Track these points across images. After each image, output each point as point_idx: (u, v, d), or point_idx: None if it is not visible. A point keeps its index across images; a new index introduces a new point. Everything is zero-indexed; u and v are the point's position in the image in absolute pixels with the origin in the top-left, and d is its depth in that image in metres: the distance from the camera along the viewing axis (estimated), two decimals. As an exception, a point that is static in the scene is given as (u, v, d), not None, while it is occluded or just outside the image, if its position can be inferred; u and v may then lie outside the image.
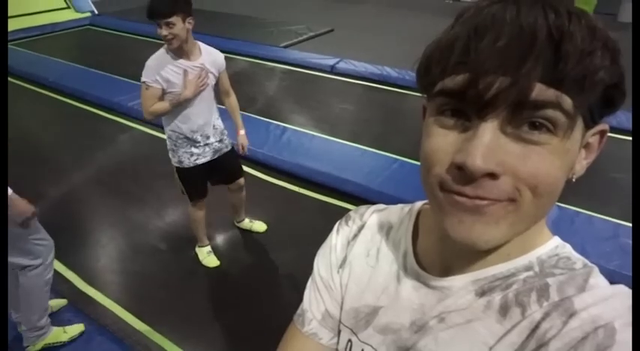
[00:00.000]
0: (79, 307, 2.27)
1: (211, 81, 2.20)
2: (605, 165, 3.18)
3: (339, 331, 0.61)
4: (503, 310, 0.45)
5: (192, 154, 2.26)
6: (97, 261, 2.66)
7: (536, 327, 0.42)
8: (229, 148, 2.42)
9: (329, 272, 0.62)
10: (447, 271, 0.50)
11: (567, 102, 0.38)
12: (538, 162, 0.39)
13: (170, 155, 2.31)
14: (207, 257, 2.58)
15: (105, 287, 2.44)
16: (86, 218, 3.03)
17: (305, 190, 3.26)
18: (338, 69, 5.45)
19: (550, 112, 0.38)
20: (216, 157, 2.34)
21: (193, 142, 2.23)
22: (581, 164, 0.44)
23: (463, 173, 0.39)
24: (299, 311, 0.65)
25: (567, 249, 0.48)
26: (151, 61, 2.08)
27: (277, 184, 3.35)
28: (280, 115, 4.35)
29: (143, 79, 2.07)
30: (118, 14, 8.01)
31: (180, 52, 2.07)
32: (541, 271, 0.46)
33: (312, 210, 3.06)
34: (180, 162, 2.28)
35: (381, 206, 0.65)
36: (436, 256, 0.52)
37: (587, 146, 0.44)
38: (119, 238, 2.84)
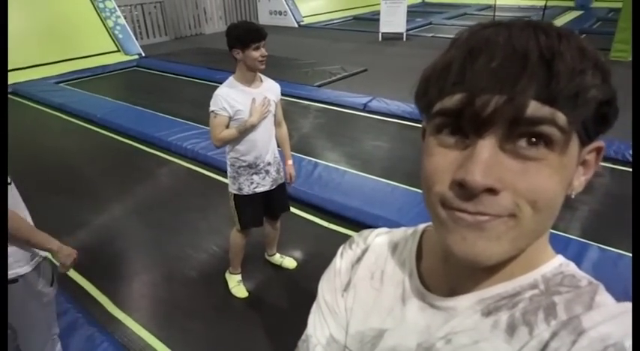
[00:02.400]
0: (109, 330, 2.32)
1: (272, 108, 2.30)
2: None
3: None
4: (511, 329, 0.45)
5: (252, 182, 2.34)
6: (129, 287, 2.73)
7: (545, 347, 0.42)
8: (283, 180, 2.50)
9: (334, 296, 0.62)
10: (452, 291, 0.50)
11: (561, 118, 0.39)
12: (536, 177, 0.40)
13: (230, 182, 2.39)
14: (237, 286, 2.60)
15: (135, 312, 2.49)
16: (122, 246, 3.12)
17: (335, 225, 3.26)
18: (370, 107, 5.55)
19: (546, 129, 0.39)
20: (273, 187, 2.41)
21: (255, 170, 2.31)
22: (580, 180, 0.45)
23: (464, 190, 0.40)
24: (303, 337, 0.65)
25: (571, 267, 0.48)
26: (220, 90, 2.21)
27: (308, 219, 3.37)
28: (313, 151, 4.43)
29: (212, 108, 2.20)
30: (163, 57, 8.51)
31: (251, 78, 2.21)
32: (547, 289, 0.46)
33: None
34: (240, 189, 2.35)
35: (385, 229, 0.65)
36: (441, 276, 0.52)
37: (584, 163, 0.45)
38: (152, 266, 2.90)
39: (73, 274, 2.80)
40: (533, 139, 0.39)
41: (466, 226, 0.41)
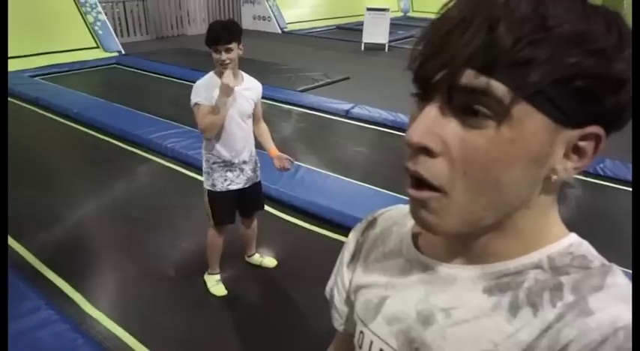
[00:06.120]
0: (83, 328, 2.25)
1: (250, 107, 2.29)
2: None
3: (355, 323, 0.62)
4: (514, 309, 0.44)
5: (226, 179, 2.32)
6: (104, 284, 2.66)
7: (549, 327, 0.41)
8: (259, 179, 2.49)
9: (342, 269, 0.66)
10: (451, 261, 0.51)
11: (499, 89, 0.37)
12: (472, 146, 0.40)
13: (204, 178, 2.38)
14: (216, 285, 2.57)
15: (110, 310, 2.43)
16: (98, 243, 3.05)
17: (316, 227, 3.27)
18: (352, 114, 5.59)
19: (482, 99, 0.38)
20: (247, 186, 2.39)
21: (230, 166, 2.30)
22: (565, 166, 0.42)
23: (409, 150, 0.42)
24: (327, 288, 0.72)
25: (584, 247, 0.46)
26: (200, 83, 2.20)
27: (289, 221, 3.36)
28: (295, 154, 4.38)
29: (194, 100, 2.17)
30: (143, 55, 8.39)
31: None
32: (553, 269, 0.44)
33: (323, 247, 3.05)
34: (214, 185, 2.33)
35: (399, 205, 0.66)
36: (440, 247, 0.52)
37: (577, 150, 0.42)
38: (129, 263, 2.84)
39: (46, 271, 2.72)
40: (474, 109, 0.39)
41: (413, 200, 0.44)
